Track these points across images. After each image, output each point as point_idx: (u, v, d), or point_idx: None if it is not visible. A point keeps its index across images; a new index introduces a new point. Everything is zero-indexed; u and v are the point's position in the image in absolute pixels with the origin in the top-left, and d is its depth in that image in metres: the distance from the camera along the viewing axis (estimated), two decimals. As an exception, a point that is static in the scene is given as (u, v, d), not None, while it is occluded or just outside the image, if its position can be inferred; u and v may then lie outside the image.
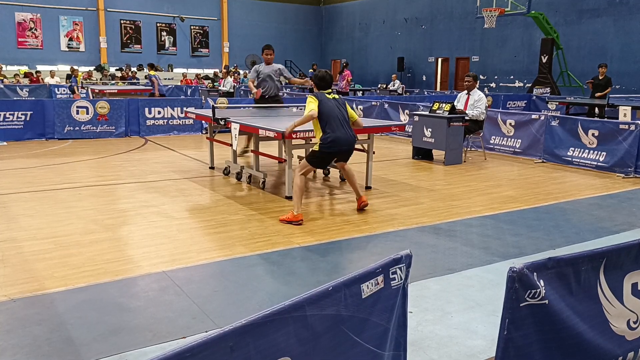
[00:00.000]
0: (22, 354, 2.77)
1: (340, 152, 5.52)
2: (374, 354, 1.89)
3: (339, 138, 5.43)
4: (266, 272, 3.97)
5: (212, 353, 1.38)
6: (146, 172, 7.73)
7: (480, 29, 22.65)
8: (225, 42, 30.65)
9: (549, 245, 4.67)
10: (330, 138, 5.39)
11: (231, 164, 7.52)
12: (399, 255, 1.97)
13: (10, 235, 4.72)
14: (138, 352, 2.80)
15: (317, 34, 33.85)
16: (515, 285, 1.89)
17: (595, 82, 13.83)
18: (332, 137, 5.39)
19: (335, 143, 5.41)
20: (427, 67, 26.76)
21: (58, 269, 3.96)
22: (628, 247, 2.26)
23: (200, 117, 8.30)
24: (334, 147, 5.42)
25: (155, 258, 4.22)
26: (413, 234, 5.00)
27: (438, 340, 2.96)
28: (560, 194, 6.83)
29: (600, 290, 2.19)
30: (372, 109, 13.40)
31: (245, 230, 5.00)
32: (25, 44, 25.54)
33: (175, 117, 12.10)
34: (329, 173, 7.70)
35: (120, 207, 5.79)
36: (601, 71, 13.67)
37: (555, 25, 19.69)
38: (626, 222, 5.48)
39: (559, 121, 9.08)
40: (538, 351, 2.00)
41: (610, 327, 2.23)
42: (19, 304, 3.35)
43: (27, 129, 10.64)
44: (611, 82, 13.87)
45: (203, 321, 3.16)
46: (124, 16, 27.92)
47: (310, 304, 1.64)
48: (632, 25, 18.50)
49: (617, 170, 8.13)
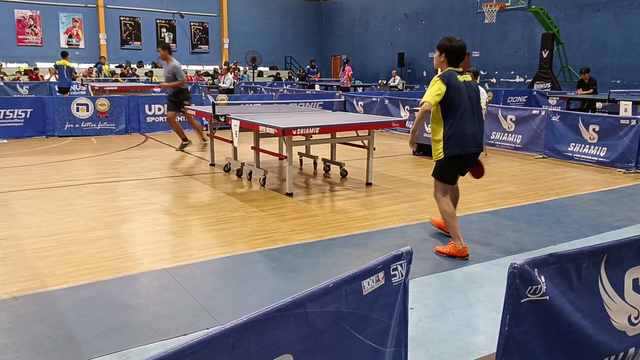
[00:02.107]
0: (24, 352, 2.77)
1: (464, 155, 4.18)
2: (376, 350, 1.89)
3: (464, 134, 4.09)
4: (267, 269, 3.97)
5: (213, 350, 1.38)
6: (146, 169, 7.73)
7: (480, 24, 22.58)
8: (225, 38, 30.58)
9: (550, 241, 4.67)
10: (450, 133, 4.10)
11: (232, 160, 7.52)
12: (399, 251, 1.97)
13: (11, 233, 4.72)
14: (139, 349, 2.81)
15: (317, 29, 33.77)
16: (516, 281, 1.89)
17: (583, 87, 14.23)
18: (454, 132, 4.09)
19: (458, 141, 4.10)
20: (428, 62, 26.67)
21: (59, 266, 3.96)
22: (629, 243, 2.26)
23: (201, 114, 8.30)
24: (456, 147, 4.11)
25: (156, 255, 4.22)
26: (414, 230, 5.00)
27: (439, 336, 2.96)
28: (561, 189, 6.82)
29: (601, 286, 2.19)
30: (373, 105, 13.39)
31: (246, 227, 5.00)
32: (25, 41, 25.50)
33: (175, 114, 12.08)
34: (329, 169, 7.69)
35: (120, 204, 5.79)
36: (585, 77, 14.08)
37: (556, 20, 19.62)
38: (627, 218, 5.48)
39: (559, 116, 9.06)
40: (539, 347, 2.00)
41: (611, 323, 2.23)
42: (20, 302, 3.36)
43: (27, 126, 10.64)
44: (596, 84, 14.26)
45: (204, 318, 3.16)
46: (124, 13, 27.86)
47: (311, 300, 1.63)
48: (633, 20, 18.45)
49: (618, 165, 8.12)
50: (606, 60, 19.27)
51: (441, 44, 4.24)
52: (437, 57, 4.31)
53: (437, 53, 4.28)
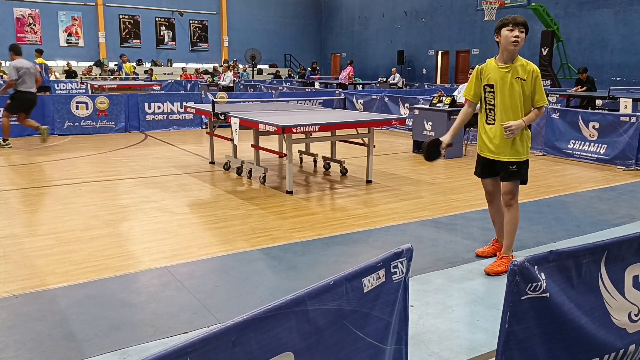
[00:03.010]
0: (24, 350, 2.77)
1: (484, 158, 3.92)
2: (376, 348, 1.89)
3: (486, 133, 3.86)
4: (267, 267, 3.97)
5: (214, 348, 1.38)
6: (146, 167, 7.72)
7: (480, 21, 22.58)
8: (224, 36, 30.57)
9: (550, 239, 4.67)
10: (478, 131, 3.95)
11: (231, 158, 7.51)
12: (400, 249, 1.97)
13: (11, 232, 4.73)
14: (140, 347, 2.81)
15: (317, 27, 33.75)
16: (516, 278, 1.89)
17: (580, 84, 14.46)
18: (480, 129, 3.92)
19: (481, 141, 3.92)
20: (427, 60, 26.68)
21: (59, 265, 3.96)
22: (629, 240, 2.26)
23: (200, 112, 8.29)
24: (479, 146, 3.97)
25: (156, 253, 4.22)
26: (414, 227, 5.00)
27: (439, 333, 2.97)
28: (561, 187, 6.82)
29: (601, 283, 2.19)
30: (372, 102, 13.38)
31: (246, 225, 5.00)
32: (24, 39, 25.48)
33: (175, 112, 12.08)
34: (329, 167, 7.69)
35: (120, 202, 5.79)
36: (582, 77, 14.32)
37: (556, 17, 19.62)
38: (627, 215, 5.48)
39: (559, 114, 9.06)
40: (539, 344, 2.00)
41: (611, 320, 2.23)
42: (20, 300, 3.36)
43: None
44: (593, 82, 14.43)
45: (204, 316, 3.16)
46: (123, 11, 27.84)
47: (312, 298, 1.64)
48: (633, 17, 18.43)
49: (618, 162, 8.12)
50: (606, 57, 19.27)
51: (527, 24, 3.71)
52: (524, 39, 3.66)
53: (525, 34, 3.65)
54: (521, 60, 3.70)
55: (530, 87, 3.68)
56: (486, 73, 3.80)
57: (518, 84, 3.67)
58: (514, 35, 3.59)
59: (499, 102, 3.74)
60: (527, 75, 3.66)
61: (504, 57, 3.70)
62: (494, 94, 3.75)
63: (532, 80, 3.67)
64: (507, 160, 3.78)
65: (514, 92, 3.68)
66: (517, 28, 3.60)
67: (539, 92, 3.70)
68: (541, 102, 3.72)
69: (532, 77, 3.67)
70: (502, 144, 3.77)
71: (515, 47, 3.62)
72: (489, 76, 3.77)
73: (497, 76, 3.72)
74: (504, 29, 3.63)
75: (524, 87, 3.67)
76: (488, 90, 3.79)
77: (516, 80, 3.67)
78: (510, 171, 3.79)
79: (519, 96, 3.68)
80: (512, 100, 3.69)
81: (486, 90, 3.80)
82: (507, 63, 3.69)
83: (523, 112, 3.71)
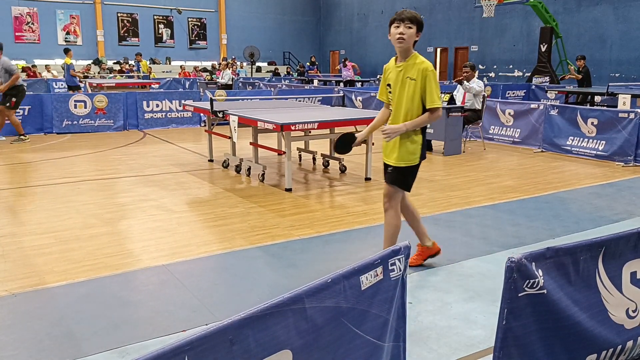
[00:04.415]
0: (24, 349, 2.78)
1: None
2: (375, 345, 1.90)
3: None
4: (266, 265, 3.98)
5: (212, 346, 1.39)
6: (145, 165, 7.72)
7: (479, 18, 22.55)
8: (223, 34, 30.52)
9: (549, 235, 4.67)
10: (425, 133, 3.72)
11: (230, 156, 7.51)
12: (397, 246, 1.97)
13: (10, 230, 4.73)
14: (139, 345, 2.81)
15: (316, 24, 33.70)
16: (513, 275, 1.89)
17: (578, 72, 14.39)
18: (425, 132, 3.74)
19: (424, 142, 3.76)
20: (426, 57, 26.44)
21: (58, 263, 3.97)
22: (627, 236, 2.26)
23: (199, 110, 8.28)
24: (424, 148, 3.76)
25: (155, 252, 4.23)
26: (412, 224, 4.99)
27: (438, 330, 2.97)
28: (559, 183, 6.83)
29: (599, 280, 2.20)
30: (371, 100, 13.37)
31: (245, 222, 5.00)
32: (23, 38, 25.45)
33: (173, 110, 12.07)
34: (328, 165, 7.69)
35: (119, 201, 5.79)
36: (580, 63, 14.22)
37: (555, 13, 19.59)
38: (625, 211, 5.49)
39: (558, 110, 9.06)
40: (537, 341, 2.01)
41: (609, 316, 2.24)
42: (19, 299, 3.36)
43: (25, 123, 10.60)
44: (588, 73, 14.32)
45: (203, 314, 3.17)
46: (121, 9, 27.79)
47: (310, 296, 1.64)
48: (632, 13, 18.42)
49: (616, 158, 8.12)
50: (605, 53, 19.26)
51: (419, 17, 3.50)
52: (414, 35, 3.47)
53: (415, 29, 3.45)
54: (415, 59, 3.48)
55: (421, 88, 3.44)
56: (387, 72, 3.65)
57: (409, 84, 3.46)
58: (398, 32, 3.40)
59: (395, 103, 3.58)
60: (418, 75, 3.43)
61: (398, 55, 3.54)
62: (392, 94, 3.62)
63: (421, 80, 3.43)
64: (389, 163, 3.67)
65: (403, 93, 3.50)
66: (402, 24, 3.40)
67: (429, 93, 3.42)
68: (432, 104, 3.43)
69: (422, 77, 3.42)
70: (389, 146, 3.64)
71: (401, 44, 3.41)
72: (388, 76, 3.63)
73: (394, 75, 3.56)
74: (392, 26, 3.46)
75: (415, 87, 3.45)
76: (389, 90, 3.64)
77: (407, 80, 3.47)
78: (388, 173, 3.66)
79: (409, 97, 3.47)
80: (404, 100, 3.50)
81: (389, 90, 3.65)
82: (401, 62, 3.52)
83: (414, 114, 3.49)
